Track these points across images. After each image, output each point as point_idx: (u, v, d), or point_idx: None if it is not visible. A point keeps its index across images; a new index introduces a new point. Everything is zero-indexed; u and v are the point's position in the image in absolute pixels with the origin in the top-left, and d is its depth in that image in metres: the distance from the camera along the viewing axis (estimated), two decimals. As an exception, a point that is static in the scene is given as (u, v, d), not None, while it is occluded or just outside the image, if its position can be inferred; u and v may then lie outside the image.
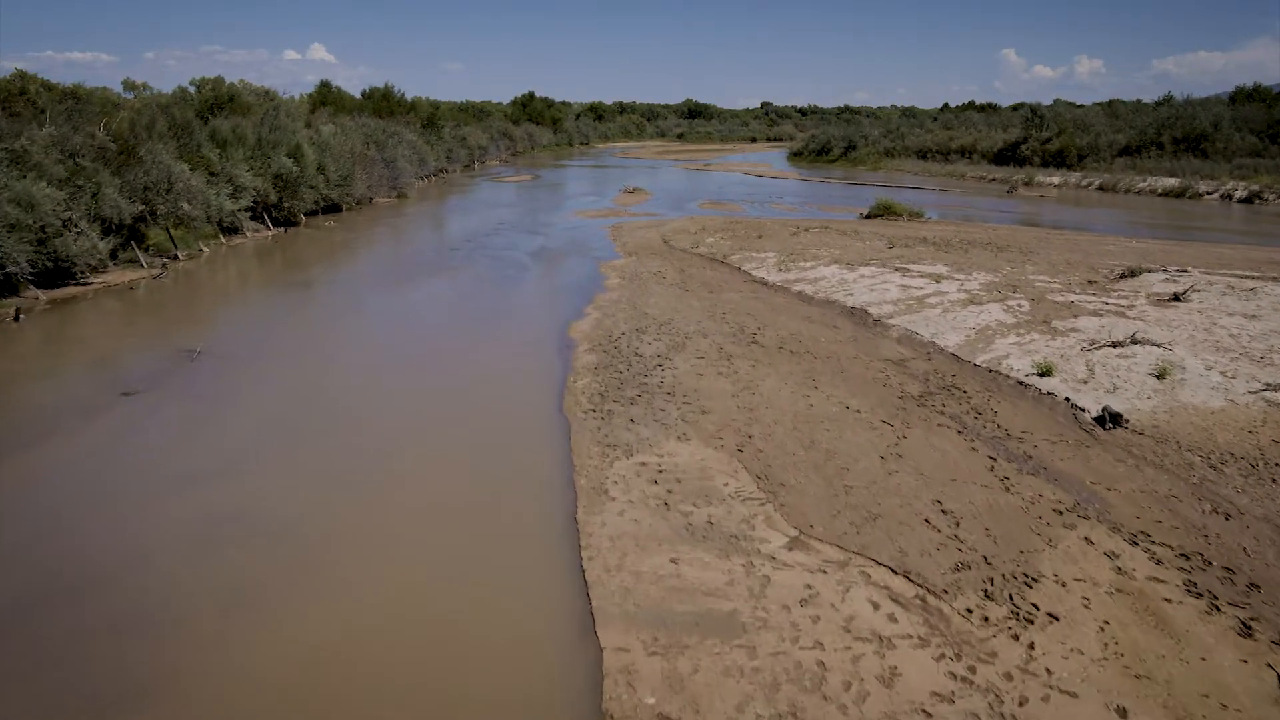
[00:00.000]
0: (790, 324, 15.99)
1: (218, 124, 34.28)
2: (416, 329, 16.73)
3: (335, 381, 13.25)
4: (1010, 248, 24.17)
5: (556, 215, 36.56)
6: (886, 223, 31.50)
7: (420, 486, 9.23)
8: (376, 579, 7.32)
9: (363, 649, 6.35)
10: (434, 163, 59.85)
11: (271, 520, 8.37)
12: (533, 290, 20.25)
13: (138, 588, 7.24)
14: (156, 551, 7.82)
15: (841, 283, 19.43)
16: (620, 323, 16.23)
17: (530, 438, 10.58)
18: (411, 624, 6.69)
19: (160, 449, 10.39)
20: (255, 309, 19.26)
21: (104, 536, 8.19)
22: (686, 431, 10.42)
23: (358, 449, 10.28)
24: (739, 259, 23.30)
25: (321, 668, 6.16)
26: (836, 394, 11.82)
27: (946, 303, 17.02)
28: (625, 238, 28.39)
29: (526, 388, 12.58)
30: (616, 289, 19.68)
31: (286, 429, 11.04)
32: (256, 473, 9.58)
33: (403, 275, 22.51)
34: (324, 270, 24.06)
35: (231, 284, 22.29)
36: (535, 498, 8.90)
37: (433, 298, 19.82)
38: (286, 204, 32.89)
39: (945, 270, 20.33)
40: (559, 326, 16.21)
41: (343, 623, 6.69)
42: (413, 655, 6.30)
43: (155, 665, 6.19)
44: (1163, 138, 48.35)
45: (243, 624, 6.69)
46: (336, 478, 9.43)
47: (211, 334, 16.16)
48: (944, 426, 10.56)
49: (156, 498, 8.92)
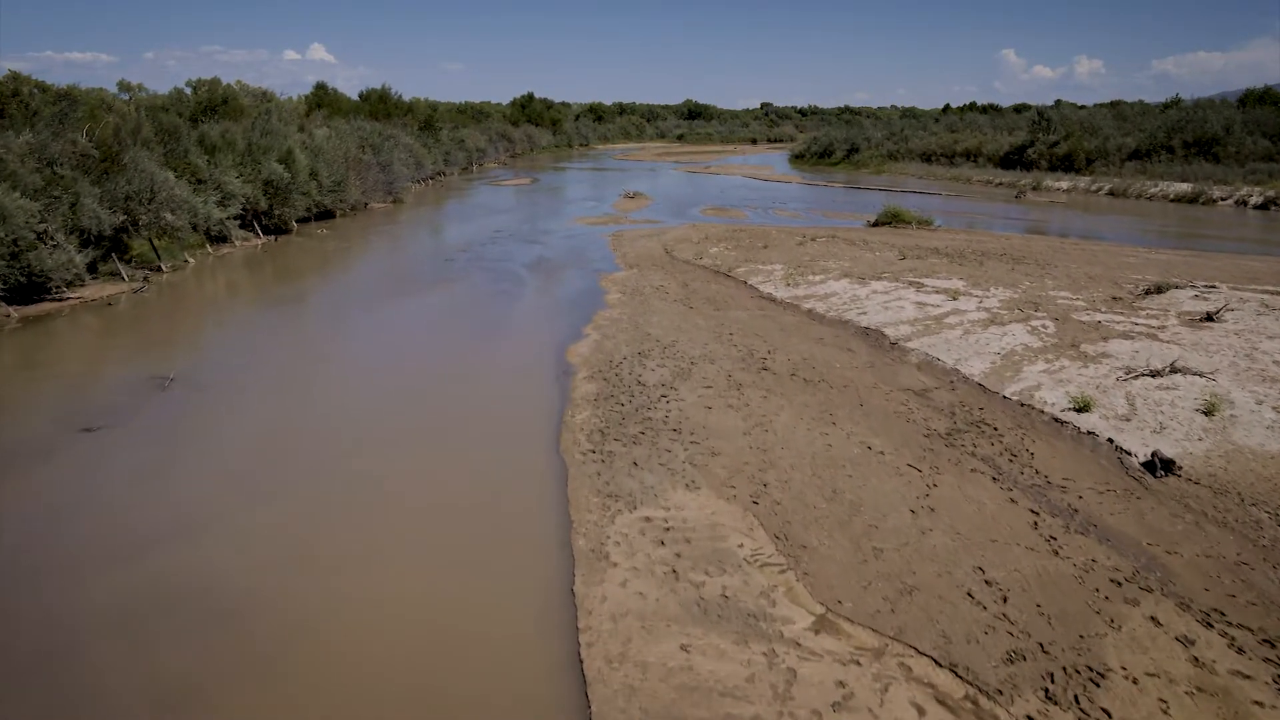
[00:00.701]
0: (802, 347, 15.05)
1: (207, 129, 33.31)
2: (404, 354, 15.79)
3: (309, 419, 12.31)
4: (1026, 259, 23.25)
5: (555, 222, 35.64)
6: (895, 231, 30.57)
7: (399, 563, 8.28)
8: (336, 687, 6.37)
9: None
10: (431, 166, 58.94)
11: (222, 600, 7.41)
12: (529, 307, 19.31)
13: (61, 681, 6.31)
14: (88, 636, 6.87)
15: (854, 299, 18.50)
16: (621, 345, 15.30)
17: (524, 485, 9.64)
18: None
19: (110, 503, 9.43)
20: (235, 329, 18.32)
21: (30, 615, 7.23)
22: (695, 478, 9.49)
23: (326, 511, 9.32)
24: (744, 272, 22.37)
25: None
26: (857, 431, 10.89)
27: (966, 323, 16.09)
28: (626, 247, 27.46)
29: (521, 423, 11.64)
30: (617, 305, 18.76)
31: (251, 482, 10.08)
32: (212, 538, 8.57)
33: (393, 289, 21.57)
34: (311, 283, 23.13)
35: (214, 299, 21.35)
36: (528, 566, 7.95)
37: (424, 315, 18.88)
38: (277, 211, 31.95)
39: (962, 285, 19.40)
40: (556, 349, 15.28)
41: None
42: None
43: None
44: (1173, 141, 47.41)
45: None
46: (297, 552, 8.45)
47: (186, 358, 15.23)
48: (977, 472, 9.63)
49: (96, 567, 7.95)
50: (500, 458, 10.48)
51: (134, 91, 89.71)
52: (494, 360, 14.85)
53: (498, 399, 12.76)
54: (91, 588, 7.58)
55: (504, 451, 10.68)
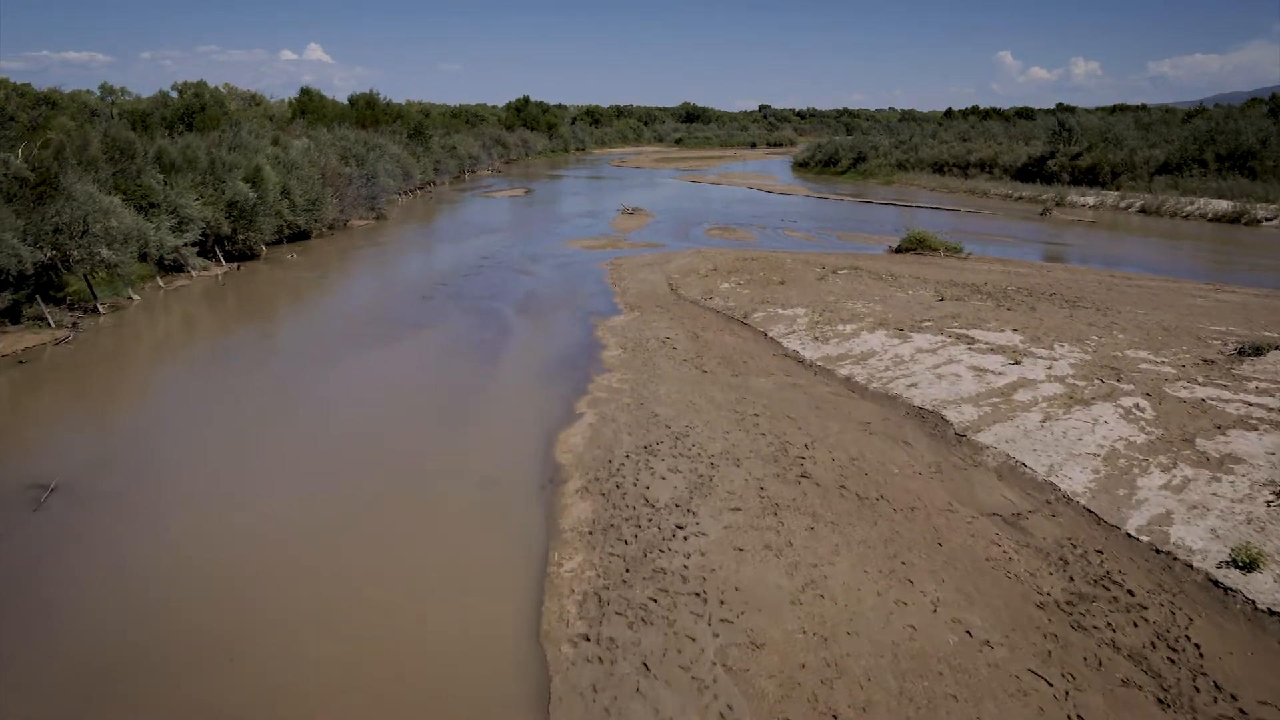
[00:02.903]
0: (846, 437, 12.20)
1: (165, 145, 30.38)
2: (350, 447, 12.88)
3: (201, 573, 9.42)
4: (1082, 301, 20.43)
5: (548, 243, 32.77)
6: (922, 260, 27.75)
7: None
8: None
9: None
10: (420, 176, 56.04)
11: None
12: (513, 369, 16.40)
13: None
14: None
15: (896, 361, 15.66)
16: (623, 432, 12.44)
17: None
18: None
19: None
20: (158, 399, 15.42)
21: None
22: (733, 699, 6.63)
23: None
24: (762, 319, 19.50)
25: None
26: (944, 596, 8.04)
27: (1040, 399, 13.26)
28: (625, 280, 24.60)
29: (489, 583, 8.70)
30: (617, 366, 15.91)
31: (109, 690, 7.21)
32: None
33: (357, 337, 18.67)
34: (262, 330, 20.20)
35: (148, 352, 18.43)
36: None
37: (385, 382, 15.97)
38: (241, 236, 29.01)
39: (1020, 341, 16.58)
40: (542, 438, 12.42)
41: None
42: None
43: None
44: (1205, 154, 44.66)
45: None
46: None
47: (86, 448, 12.32)
48: (1131, 687, 6.78)
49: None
50: (451, 657, 7.56)
51: (116, 95, 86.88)
52: (462, 462, 11.90)
53: (460, 533, 9.84)
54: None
55: (459, 643, 7.74)
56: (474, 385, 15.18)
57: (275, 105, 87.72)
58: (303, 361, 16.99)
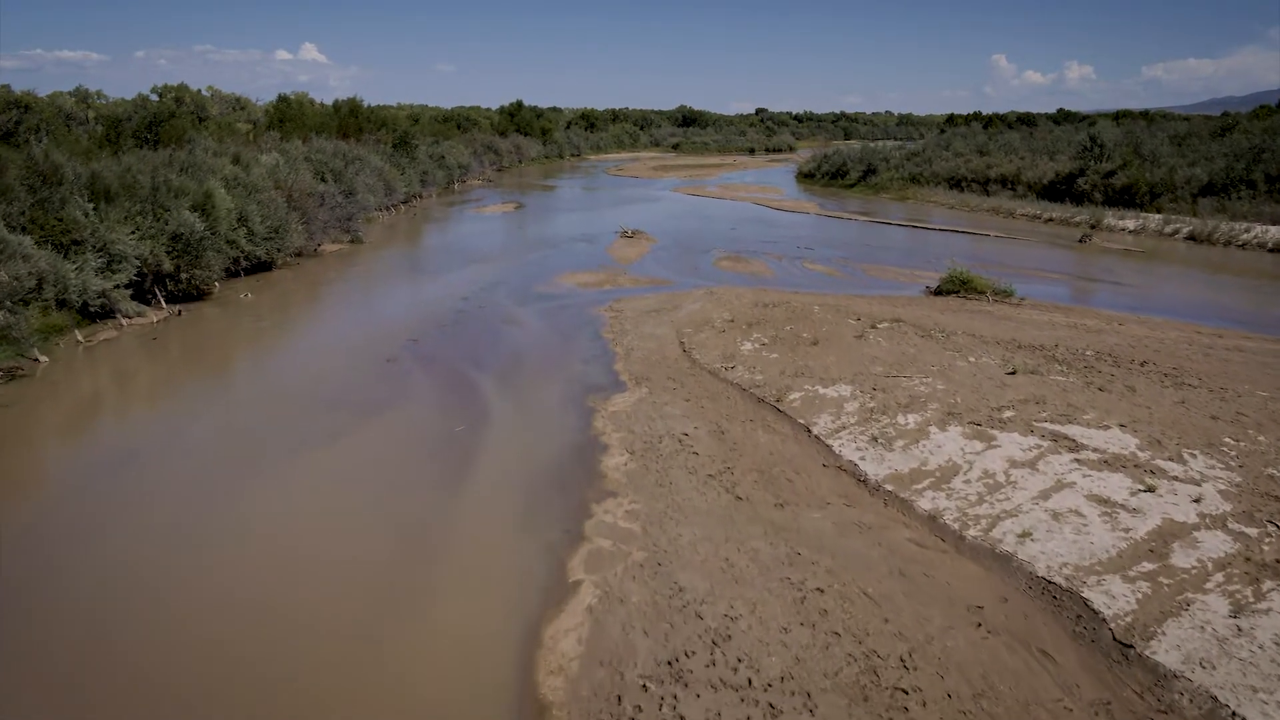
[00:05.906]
0: (953, 643, 8.52)
1: (102, 168, 26.56)
2: (217, 662, 9.17)
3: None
4: (1184, 375, 16.83)
5: (538, 277, 29.04)
6: (968, 307, 24.13)
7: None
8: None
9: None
10: (404, 189, 52.26)
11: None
12: (483, 493, 12.51)
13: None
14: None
15: (990, 485, 11.97)
16: (636, 626, 8.75)
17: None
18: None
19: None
20: (15, 539, 11.65)
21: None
22: None
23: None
24: (800, 402, 15.80)
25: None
26: None
27: (1209, 564, 9.62)
28: (628, 335, 20.91)
29: None
30: (623, 487, 12.21)
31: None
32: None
33: (291, 431, 14.91)
34: (185, 411, 16.39)
35: (28, 451, 14.63)
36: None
37: (308, 516, 12.19)
38: (186, 274, 25.19)
39: (1136, 447, 12.94)
40: (517, 639, 8.70)
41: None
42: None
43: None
44: (1254, 174, 41.18)
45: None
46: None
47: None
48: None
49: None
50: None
51: (92, 99, 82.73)
52: (385, 705, 8.19)
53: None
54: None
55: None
56: (427, 526, 11.37)
57: (262, 109, 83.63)
58: (214, 470, 13.21)
